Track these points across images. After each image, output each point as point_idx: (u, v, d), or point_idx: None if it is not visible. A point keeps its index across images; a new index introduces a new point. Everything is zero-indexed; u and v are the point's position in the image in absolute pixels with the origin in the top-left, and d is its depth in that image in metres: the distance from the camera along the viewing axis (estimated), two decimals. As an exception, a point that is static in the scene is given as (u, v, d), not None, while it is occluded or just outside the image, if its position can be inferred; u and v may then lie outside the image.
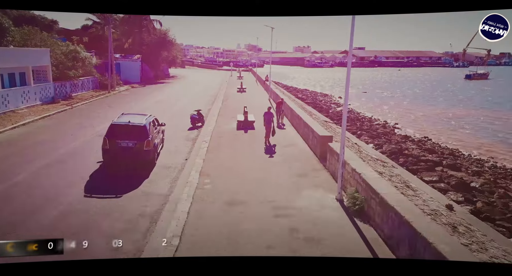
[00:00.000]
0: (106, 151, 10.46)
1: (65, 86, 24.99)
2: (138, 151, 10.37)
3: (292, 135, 15.95)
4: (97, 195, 8.67)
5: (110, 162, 10.59)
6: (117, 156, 10.40)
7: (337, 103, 41.84)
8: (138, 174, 10.21)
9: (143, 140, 10.44)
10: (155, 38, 45.66)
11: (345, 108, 8.32)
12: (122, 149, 10.36)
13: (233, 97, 29.16)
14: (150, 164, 10.99)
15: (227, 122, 18.36)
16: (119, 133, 10.46)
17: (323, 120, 24.52)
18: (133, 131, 10.48)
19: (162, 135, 13.05)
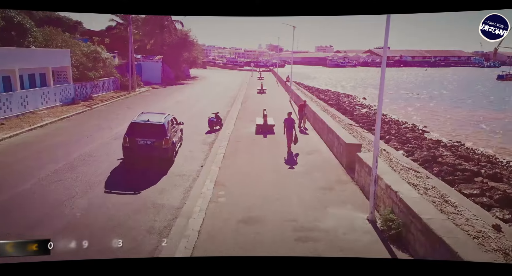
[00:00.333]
0: (126, 149, 10.74)
1: (86, 87, 24.98)
2: (156, 148, 10.63)
3: (315, 141, 14.92)
4: (104, 208, 8.05)
5: (130, 159, 10.91)
6: (136, 153, 10.69)
7: (362, 105, 40.30)
8: (151, 181, 9.60)
9: (162, 138, 10.65)
10: (176, 39, 45.57)
11: (379, 115, 7.28)
12: (141, 146, 10.63)
13: (252, 99, 28.36)
14: (168, 162, 11.14)
15: (246, 126, 17.54)
16: (139, 132, 10.72)
17: (347, 123, 23.28)
18: (152, 129, 10.73)
19: (181, 134, 13.16)
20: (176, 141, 12.06)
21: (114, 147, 13.05)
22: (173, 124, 11.99)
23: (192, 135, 15.46)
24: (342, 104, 37.07)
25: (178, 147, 12.67)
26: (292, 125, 12.83)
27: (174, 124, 12.03)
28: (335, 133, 12.17)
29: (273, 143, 14.36)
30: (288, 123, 12.88)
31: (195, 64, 53.29)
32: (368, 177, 8.45)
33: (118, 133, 15.07)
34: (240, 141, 14.44)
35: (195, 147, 13.73)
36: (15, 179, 9.52)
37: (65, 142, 13.59)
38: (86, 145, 13.18)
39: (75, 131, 15.42)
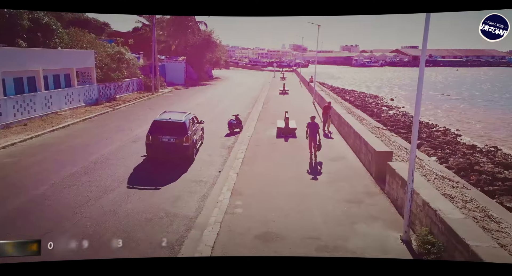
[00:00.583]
0: (149, 146, 11.17)
1: (109, 88, 25.18)
2: (177, 146, 11.00)
3: (340, 146, 14.05)
4: (116, 217, 7.67)
5: (152, 155, 11.36)
6: (158, 150, 11.09)
7: (389, 106, 38.71)
8: (166, 187, 9.19)
9: (182, 135, 11.03)
10: (199, 40, 45.61)
11: (415, 124, 6.44)
12: (163, 143, 11.02)
13: (274, 100, 27.68)
14: (189, 159, 11.46)
15: (267, 129, 16.91)
16: (161, 129, 11.10)
17: (374, 126, 22.17)
18: (173, 127, 11.12)
19: (202, 132, 13.58)
20: (197, 139, 12.39)
21: (132, 149, 12.80)
22: (194, 122, 12.36)
23: (212, 138, 15.01)
24: (368, 106, 35.67)
25: (199, 145, 13.05)
26: (315, 130, 11.89)
27: (195, 123, 12.39)
28: (363, 139, 11.29)
29: (295, 147, 13.64)
30: (311, 128, 11.94)
31: (218, 65, 53.18)
32: (401, 190, 7.61)
33: (137, 135, 14.87)
34: (260, 145, 13.83)
35: (214, 150, 13.25)
36: (30, 183, 9.35)
37: (84, 144, 13.48)
38: (105, 147, 12.99)
39: (95, 133, 15.35)
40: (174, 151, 11.02)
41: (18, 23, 19.96)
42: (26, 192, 8.74)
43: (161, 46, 47.82)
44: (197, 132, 12.59)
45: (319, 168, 11.05)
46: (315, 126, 11.97)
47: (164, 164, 11.19)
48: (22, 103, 16.18)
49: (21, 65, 16.30)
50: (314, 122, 12.13)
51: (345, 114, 16.26)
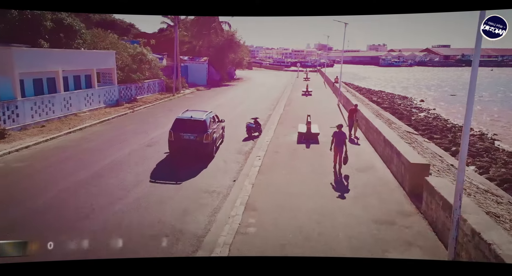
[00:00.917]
0: (171, 143, 11.61)
1: (130, 89, 25.04)
2: (198, 143, 11.39)
3: (368, 154, 12.87)
4: (117, 232, 7.01)
5: (174, 152, 11.79)
6: (180, 147, 11.53)
7: (419, 108, 36.73)
8: (175, 199, 8.49)
9: (203, 133, 11.42)
10: (222, 40, 45.17)
11: (465, 135, 5.34)
12: (185, 141, 11.44)
13: (296, 102, 26.63)
14: (209, 156, 11.82)
15: (287, 133, 15.94)
16: (182, 127, 11.57)
17: (404, 130, 20.66)
18: (194, 125, 11.52)
19: (222, 131, 13.96)
20: (217, 137, 12.71)
21: (146, 154, 12.24)
22: (215, 121, 12.70)
23: (229, 143, 14.25)
24: (397, 108, 33.85)
25: (219, 143, 13.40)
26: (343, 141, 10.46)
27: (215, 122, 12.72)
28: (395, 147, 10.10)
29: (317, 155, 12.60)
30: (337, 138, 10.53)
31: (241, 65, 52.59)
32: (442, 212, 6.48)
33: (153, 139, 14.35)
34: (279, 151, 12.89)
35: (230, 156, 12.47)
36: (36, 190, 8.92)
37: (98, 148, 13.07)
38: (118, 151, 12.51)
39: (110, 136, 14.96)
40: (195, 147, 11.45)
41: (41, 24, 20.07)
42: (29, 199, 8.28)
43: (186, 47, 47.84)
44: (218, 130, 12.86)
45: (344, 180, 9.96)
46: (342, 136, 10.55)
47: (175, 172, 10.54)
48: (40, 104, 16.09)
49: (40, 66, 16.21)
50: (341, 132, 10.67)
51: (373, 119, 15.01)
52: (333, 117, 20.03)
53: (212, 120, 12.36)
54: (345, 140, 10.50)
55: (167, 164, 11.35)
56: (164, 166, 11.03)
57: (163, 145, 13.49)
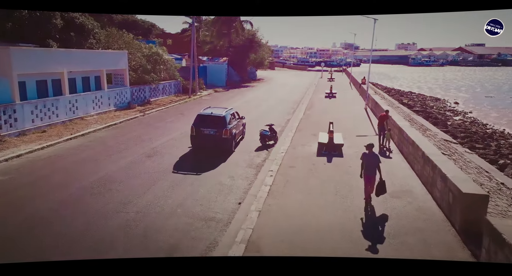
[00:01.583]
0: (193, 137, 12.20)
1: (144, 91, 24.01)
2: (217, 138, 11.87)
3: (402, 171, 10.82)
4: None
5: (196, 146, 12.35)
6: (201, 141, 12.09)
7: (453, 111, 33.76)
8: (162, 230, 6.97)
9: (222, 128, 11.89)
10: (242, 40, 43.73)
11: None
12: (205, 135, 11.98)
13: (319, 105, 24.64)
14: (228, 151, 12.30)
15: (306, 142, 14.12)
16: (203, 122, 12.07)
17: (441, 138, 18.27)
18: (214, 121, 12.02)
19: (243, 127, 14.45)
20: (237, 133, 13.13)
21: (143, 168, 10.84)
22: (235, 118, 13.22)
23: (239, 153, 12.66)
24: (431, 111, 31.03)
25: (239, 139, 13.88)
26: (375, 165, 8.01)
27: (235, 118, 13.26)
28: (438, 168, 8.06)
29: (341, 172, 10.71)
30: (368, 162, 8.06)
31: (262, 65, 50.93)
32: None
33: (155, 148, 12.99)
34: (295, 166, 11.11)
35: (238, 170, 10.87)
36: (7, 213, 7.68)
37: (93, 158, 11.82)
38: (114, 163, 11.20)
39: (111, 144, 13.73)
40: (214, 142, 11.97)
41: (50, 22, 19.31)
42: None
43: (207, 47, 46.84)
44: (238, 127, 13.36)
45: (375, 208, 8.03)
46: (373, 160, 8.06)
47: (164, 199, 9.04)
48: (42, 108, 15.14)
49: (41, 67, 15.26)
50: (372, 154, 8.16)
51: (408, 128, 12.89)
52: (360, 124, 17.96)
53: (232, 116, 12.95)
54: (378, 164, 8.06)
55: (160, 188, 9.85)
56: (155, 189, 9.47)
57: (165, 155, 12.11)
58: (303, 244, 6.47)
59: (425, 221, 7.35)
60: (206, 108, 13.24)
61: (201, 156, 12.12)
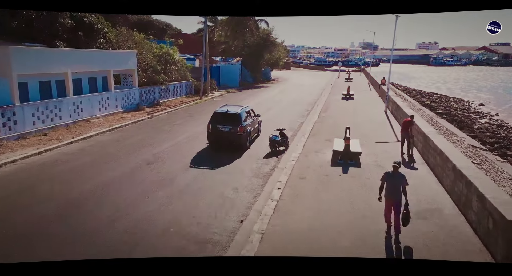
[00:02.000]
0: (209, 134, 12.60)
1: (153, 92, 23.37)
2: (232, 134, 12.19)
3: (428, 185, 9.51)
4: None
5: (212, 142, 12.76)
6: (217, 137, 12.46)
7: (479, 113, 31.81)
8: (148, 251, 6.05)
9: (237, 125, 12.21)
10: (256, 39, 42.71)
11: None
12: (221, 132, 12.33)
13: (335, 107, 23.35)
14: (243, 147, 12.60)
15: (319, 149, 12.98)
16: (219, 119, 12.46)
17: (469, 144, 16.73)
18: (229, 118, 12.37)
19: (258, 125, 14.87)
20: (251, 130, 13.50)
21: (140, 177, 9.99)
22: (250, 115, 13.58)
23: (246, 160, 11.68)
24: (455, 114, 29.16)
25: (254, 136, 14.26)
26: (400, 188, 6.69)
27: (250, 116, 13.58)
28: (474, 186, 6.78)
29: (358, 184, 9.53)
30: (392, 184, 6.75)
31: (277, 65, 49.75)
32: None
33: (157, 154, 12.16)
34: (307, 177, 10.01)
35: (243, 181, 9.87)
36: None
37: (89, 165, 11.06)
38: (108, 172, 10.40)
39: (111, 149, 12.99)
40: (229, 139, 12.30)
41: (58, 21, 18.87)
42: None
43: (222, 47, 46.09)
44: (253, 124, 13.70)
45: (398, 232, 6.81)
46: (399, 182, 6.72)
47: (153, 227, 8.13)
48: (44, 110, 14.58)
49: (44, 67, 14.69)
50: (398, 174, 6.79)
51: (434, 135, 11.54)
52: (380, 129, 16.63)
53: (248, 114, 13.30)
54: (405, 187, 6.69)
55: (155, 201, 8.95)
56: (149, 203, 8.59)
57: (166, 162, 11.27)
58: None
59: (458, 250, 6.12)
60: (222, 106, 13.53)
61: (206, 163, 11.20)
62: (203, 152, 12.57)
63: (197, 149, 12.87)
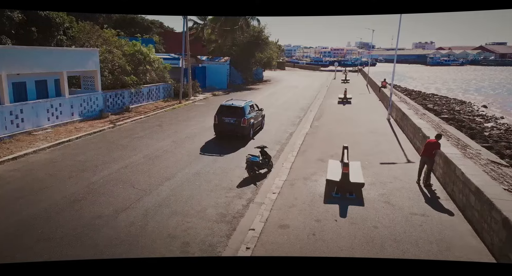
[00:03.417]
0: (216, 125, 13.81)
1: (122, 96, 20.33)
2: (236, 126, 13.36)
3: (460, 238, 6.62)
4: None
5: (218, 133, 13.94)
6: (222, 128, 13.69)
7: (483, 116, 29.37)
8: None
9: (241, 117, 13.32)
10: (247, 37, 39.77)
11: None
12: (226, 124, 13.53)
13: (330, 114, 20.42)
14: (246, 138, 13.68)
15: (310, 174, 10.03)
16: (225, 112, 13.62)
17: (487, 159, 13.84)
18: (234, 111, 13.54)
19: (262, 119, 15.80)
20: (255, 123, 14.33)
21: (51, 226, 6.97)
22: (253, 109, 14.47)
23: (211, 191, 8.72)
24: (460, 118, 26.44)
25: (257, 128, 15.16)
26: None
27: (254, 110, 14.46)
28: None
29: (360, 239, 6.56)
30: None
31: (270, 65, 46.84)
32: None
33: (96, 182, 9.19)
34: (290, 225, 7.01)
35: (199, 229, 6.92)
36: None
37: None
38: (10, 215, 7.39)
39: (36, 175, 9.93)
40: (234, 130, 13.26)
41: (5, 15, 15.83)
42: None
43: (212, 46, 43.22)
44: (256, 117, 14.62)
45: None
46: None
47: None
48: (-38, 123, 11.54)
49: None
50: None
51: (461, 161, 8.49)
52: (384, 143, 13.72)
53: (251, 108, 14.25)
54: None
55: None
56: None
57: (99, 198, 8.23)
58: None
59: None
60: (228, 100, 14.69)
61: (149, 204, 8.23)
62: (158, 175, 9.61)
63: (154, 171, 9.95)
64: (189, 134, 14.89)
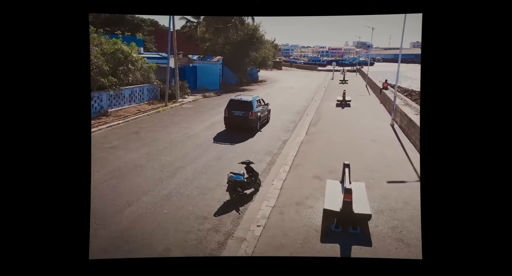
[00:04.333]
0: (226, 118, 14.96)
1: (99, 99, 18.52)
2: (245, 119, 14.54)
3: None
4: None
5: (228, 125, 14.99)
6: (232, 121, 14.86)
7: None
8: None
9: (249, 111, 14.54)
10: (241, 36, 38.04)
11: None
12: (235, 117, 14.71)
13: (328, 118, 18.67)
14: (254, 130, 14.80)
15: (304, 197, 8.27)
16: (234, 106, 14.81)
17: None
18: (242, 104, 14.74)
19: (268, 113, 17.06)
20: (261, 116, 15.65)
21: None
22: (260, 104, 15.73)
23: (182, 220, 6.98)
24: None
25: (264, 121, 16.38)
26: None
27: (261, 104, 15.77)
28: None
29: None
30: None
31: (265, 65, 45.13)
32: None
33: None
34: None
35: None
36: None
37: None
38: None
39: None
40: (242, 123, 14.61)
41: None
42: None
43: (206, 45, 41.53)
44: (263, 111, 15.88)
45: None
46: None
47: None
48: None
49: None
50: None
51: None
52: (390, 156, 11.98)
53: (258, 103, 15.37)
54: None
55: None
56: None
57: None
58: None
59: None
60: (237, 95, 16.21)
61: (100, 243, 6.45)
62: (119, 198, 7.82)
63: (115, 194, 8.15)
64: (168, 144, 13.13)
